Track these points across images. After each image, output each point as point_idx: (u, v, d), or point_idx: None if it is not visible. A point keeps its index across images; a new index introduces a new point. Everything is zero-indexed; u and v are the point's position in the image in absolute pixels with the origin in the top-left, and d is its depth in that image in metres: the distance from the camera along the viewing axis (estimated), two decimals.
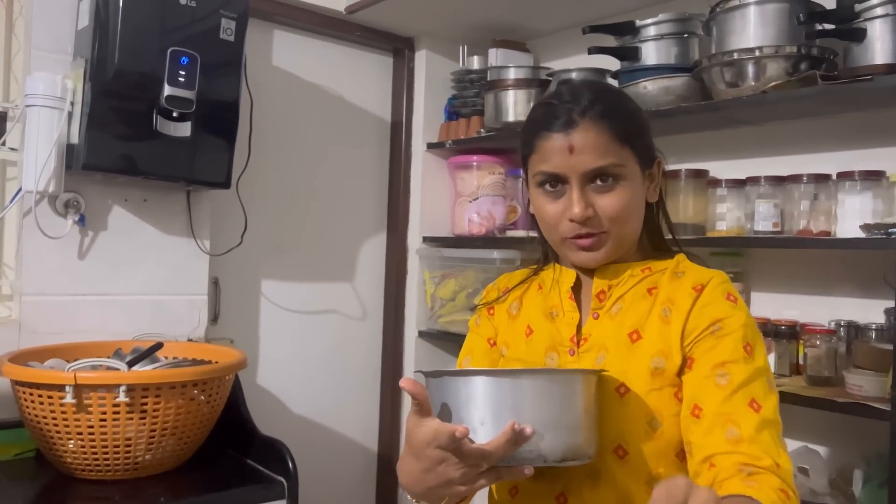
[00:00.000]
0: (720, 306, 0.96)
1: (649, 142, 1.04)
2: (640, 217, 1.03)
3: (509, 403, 0.83)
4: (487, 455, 0.81)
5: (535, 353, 1.04)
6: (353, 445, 2.52)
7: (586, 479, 0.95)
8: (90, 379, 1.43)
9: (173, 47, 1.70)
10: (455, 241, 2.47)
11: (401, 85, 2.55)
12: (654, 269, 1.04)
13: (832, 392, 1.54)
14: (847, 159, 1.70)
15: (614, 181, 0.97)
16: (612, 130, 0.96)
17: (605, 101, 0.98)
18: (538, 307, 1.09)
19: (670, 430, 0.94)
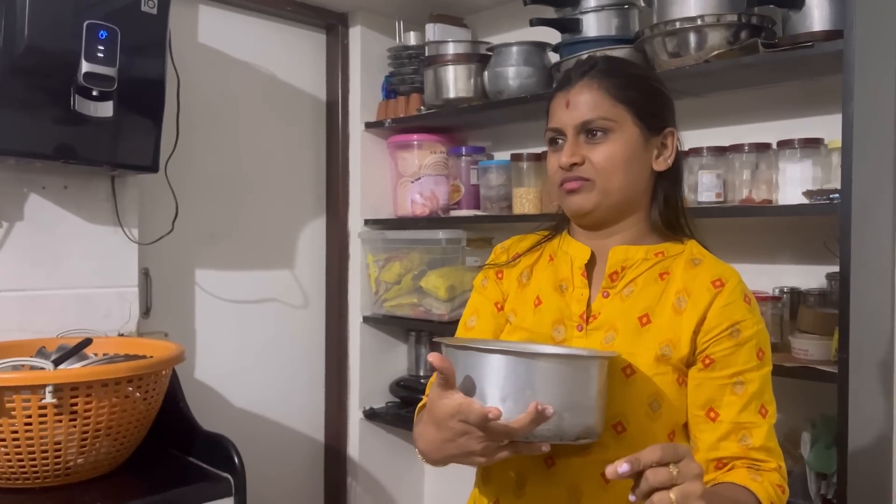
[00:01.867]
0: (739, 308, 1.01)
1: (659, 112, 1.07)
2: (633, 178, 1.05)
3: (532, 383, 0.87)
4: (511, 432, 0.86)
5: (543, 324, 1.07)
6: (298, 437, 2.45)
7: (575, 447, 0.98)
8: (12, 380, 1.33)
9: (90, 20, 1.58)
10: (398, 222, 2.41)
11: (335, 63, 2.46)
12: (668, 253, 1.07)
13: (779, 357, 1.56)
14: (786, 128, 1.72)
15: (604, 135, 1.03)
16: (607, 89, 1.03)
17: (610, 65, 1.06)
18: (548, 279, 1.11)
19: (668, 413, 1.00)
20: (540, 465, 1.02)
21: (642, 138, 1.04)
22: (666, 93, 1.10)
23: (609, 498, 0.99)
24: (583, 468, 1.00)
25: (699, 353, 1.01)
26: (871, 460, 1.52)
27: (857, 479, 1.41)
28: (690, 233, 1.12)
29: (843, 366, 1.39)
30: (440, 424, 0.89)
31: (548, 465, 1.02)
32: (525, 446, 0.89)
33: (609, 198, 1.04)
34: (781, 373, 1.51)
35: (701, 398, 1.01)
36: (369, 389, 2.46)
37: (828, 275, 1.64)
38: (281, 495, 2.38)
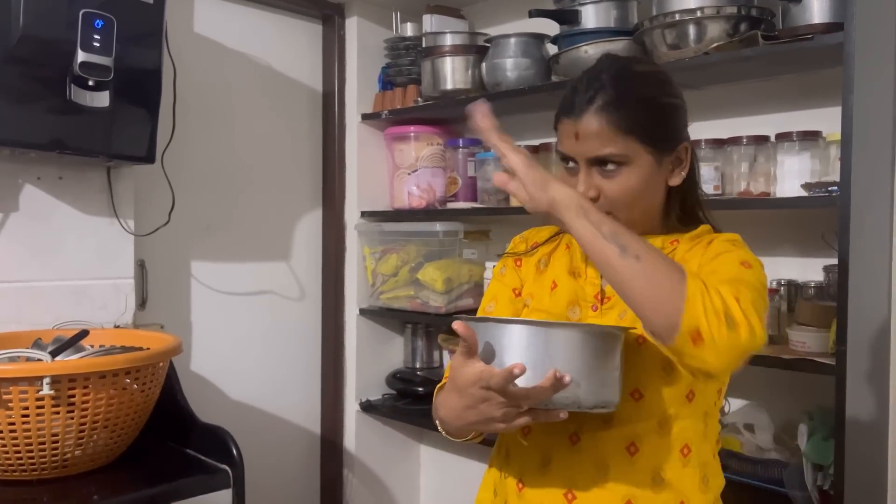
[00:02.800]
0: (722, 246, 1.02)
1: (671, 132, 1.05)
2: (650, 201, 1.06)
3: (550, 353, 0.90)
4: (530, 397, 0.89)
5: (558, 305, 1.10)
6: (295, 429, 2.45)
7: (599, 420, 1.01)
8: (9, 372, 1.32)
9: (86, 9, 1.56)
10: (395, 214, 2.40)
11: (332, 53, 2.44)
12: (682, 240, 1.09)
13: (777, 350, 1.57)
14: (784, 121, 1.72)
15: (617, 167, 1.01)
16: (614, 122, 1.00)
17: (617, 90, 1.01)
18: (564, 265, 1.14)
19: (681, 374, 1.00)
20: (565, 442, 1.04)
21: (656, 163, 1.03)
22: (677, 102, 1.07)
23: (634, 471, 1.01)
24: (607, 442, 1.02)
25: None
26: (867, 452, 1.53)
27: (854, 470, 1.42)
28: (706, 220, 1.14)
29: (840, 358, 1.39)
30: (462, 391, 0.93)
31: (573, 441, 1.04)
32: (543, 413, 0.92)
33: (629, 223, 1.00)
34: (779, 365, 1.52)
35: None
36: (366, 381, 2.46)
37: (825, 267, 1.65)
38: (278, 487, 2.38)
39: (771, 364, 1.53)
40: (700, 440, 1.05)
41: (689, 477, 1.03)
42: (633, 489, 1.01)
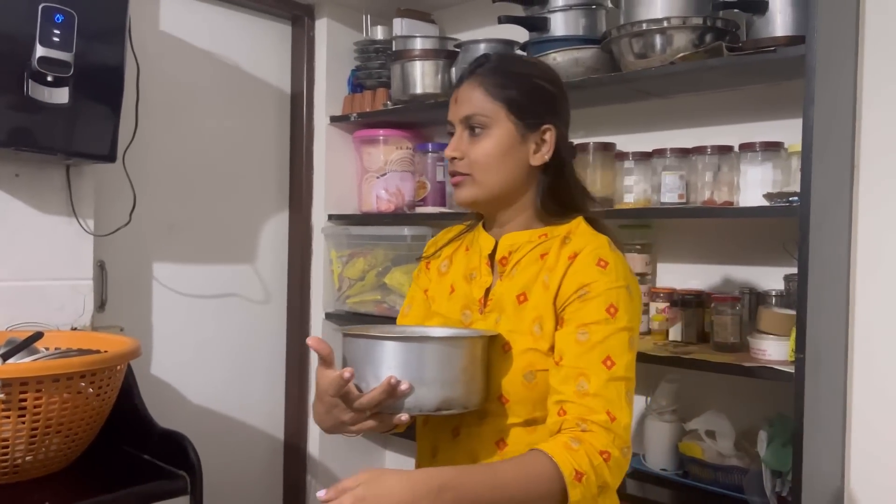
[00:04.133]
0: (588, 272, 1.07)
1: (537, 109, 1.13)
2: (509, 172, 1.12)
3: (396, 362, 1.00)
4: (367, 404, 0.99)
5: (453, 309, 1.18)
6: (257, 434, 2.41)
7: (475, 417, 1.10)
8: None
9: (45, 3, 1.52)
10: (363, 218, 2.39)
11: (301, 55, 2.42)
12: (551, 234, 1.14)
13: (738, 357, 1.59)
14: (748, 131, 1.75)
15: (482, 131, 1.12)
16: (486, 87, 1.12)
17: (495, 65, 1.14)
18: (461, 268, 1.21)
19: (544, 382, 1.07)
20: (448, 434, 1.13)
21: (518, 134, 1.12)
22: (551, 90, 1.15)
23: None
24: (480, 436, 1.10)
25: (558, 318, 1.08)
26: (825, 458, 1.55)
27: (812, 476, 1.44)
28: (585, 210, 1.18)
29: (799, 365, 1.41)
30: (321, 398, 1.04)
31: (454, 434, 1.13)
32: (388, 417, 1.01)
33: (487, 190, 1.12)
34: (740, 372, 1.53)
35: (556, 350, 1.07)
36: None
37: (786, 276, 1.67)
38: (239, 493, 2.34)
39: (732, 371, 1.55)
40: None
41: None
42: None
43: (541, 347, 1.07)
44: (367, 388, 1.00)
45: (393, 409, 1.00)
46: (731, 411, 1.71)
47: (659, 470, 1.77)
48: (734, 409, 1.72)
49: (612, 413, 1.00)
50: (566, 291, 1.07)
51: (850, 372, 1.60)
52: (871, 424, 1.59)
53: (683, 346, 1.72)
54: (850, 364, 1.60)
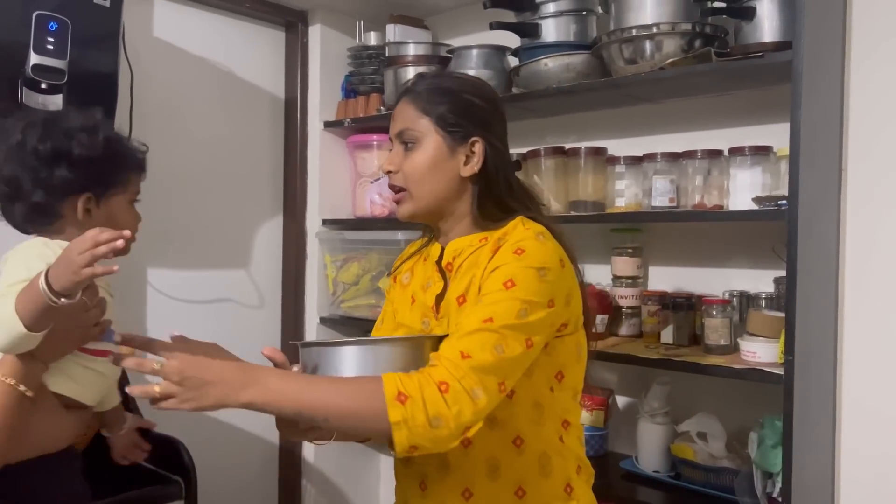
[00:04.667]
0: (503, 258, 1.08)
1: (464, 122, 1.16)
2: (441, 184, 1.16)
3: (351, 366, 1.03)
4: None
5: (415, 319, 1.21)
6: (252, 438, 2.42)
7: None
8: None
9: (39, 11, 1.54)
10: (357, 223, 2.40)
11: (294, 61, 2.44)
12: (491, 237, 1.16)
13: (729, 359, 1.60)
14: (737, 135, 1.76)
15: (413, 145, 1.16)
16: (417, 104, 1.17)
17: (425, 84, 1.19)
18: (420, 279, 1.24)
19: None
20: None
21: (447, 147, 1.16)
22: (480, 104, 1.19)
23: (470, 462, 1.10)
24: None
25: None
26: (815, 459, 1.56)
27: (802, 477, 1.45)
28: (526, 209, 1.19)
29: (788, 367, 1.42)
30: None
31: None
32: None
33: (422, 203, 1.17)
34: (730, 375, 1.55)
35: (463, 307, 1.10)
36: None
37: (775, 279, 1.69)
38: (234, 497, 2.34)
39: (722, 374, 1.56)
40: (533, 429, 1.11)
41: (525, 465, 1.10)
42: (472, 478, 1.10)
43: None
44: None
45: None
46: (722, 413, 1.73)
47: (651, 472, 1.78)
48: (725, 410, 1.74)
49: (467, 352, 0.98)
50: (484, 278, 1.08)
51: (840, 373, 1.62)
52: (861, 425, 1.60)
53: (675, 349, 1.74)
54: (839, 365, 1.62)
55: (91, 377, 1.10)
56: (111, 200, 1.17)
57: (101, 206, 1.16)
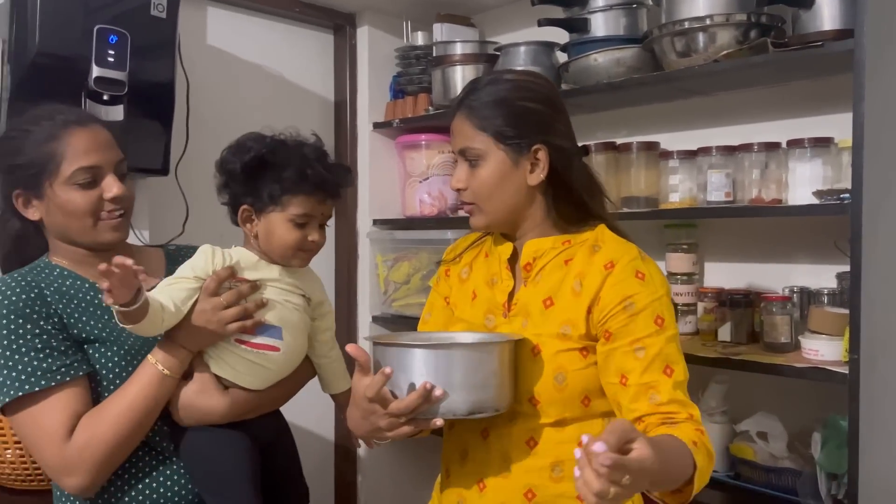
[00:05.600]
0: (630, 284, 1.10)
1: (524, 133, 1.14)
2: (510, 196, 1.16)
3: (427, 369, 1.02)
4: (404, 409, 1.02)
5: (476, 314, 1.20)
6: (309, 436, 2.46)
7: (505, 419, 1.13)
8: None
9: (100, 25, 1.59)
10: (406, 222, 2.41)
11: (343, 63, 2.46)
12: (574, 241, 1.17)
13: (789, 358, 1.57)
14: (796, 127, 1.72)
15: (476, 161, 1.15)
16: (473, 120, 1.15)
17: (479, 93, 1.16)
18: (482, 274, 1.24)
19: (573, 383, 1.11)
20: (477, 437, 1.16)
21: (510, 160, 1.14)
22: (538, 108, 1.16)
23: (534, 463, 1.11)
24: (510, 437, 1.13)
25: (600, 329, 1.11)
26: (881, 460, 1.51)
27: (868, 478, 1.41)
28: (603, 217, 1.21)
29: (853, 366, 1.38)
30: (357, 404, 1.07)
31: (483, 436, 1.15)
32: (423, 422, 1.05)
33: (495, 215, 1.17)
34: (791, 373, 1.51)
35: (611, 368, 1.10)
36: None
37: (838, 274, 1.64)
38: None
39: (783, 373, 1.52)
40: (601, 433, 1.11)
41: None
42: (534, 479, 1.11)
43: (569, 347, 1.11)
44: (401, 394, 1.03)
45: (427, 415, 1.04)
46: (782, 412, 1.68)
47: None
48: (786, 410, 1.70)
49: (689, 411, 1.07)
50: (608, 303, 1.10)
51: None
52: None
53: (733, 347, 1.70)
54: None
55: (247, 365, 1.18)
56: (269, 216, 1.21)
57: (260, 219, 1.22)
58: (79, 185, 1.15)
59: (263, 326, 1.19)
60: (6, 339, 1.11)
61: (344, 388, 1.38)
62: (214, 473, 1.17)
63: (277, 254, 1.23)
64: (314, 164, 1.23)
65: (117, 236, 1.21)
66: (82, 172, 1.15)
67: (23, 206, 1.19)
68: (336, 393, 1.39)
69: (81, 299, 1.18)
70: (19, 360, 1.10)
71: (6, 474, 1.43)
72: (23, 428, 1.12)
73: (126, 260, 1.00)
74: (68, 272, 1.21)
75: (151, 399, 1.13)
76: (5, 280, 1.17)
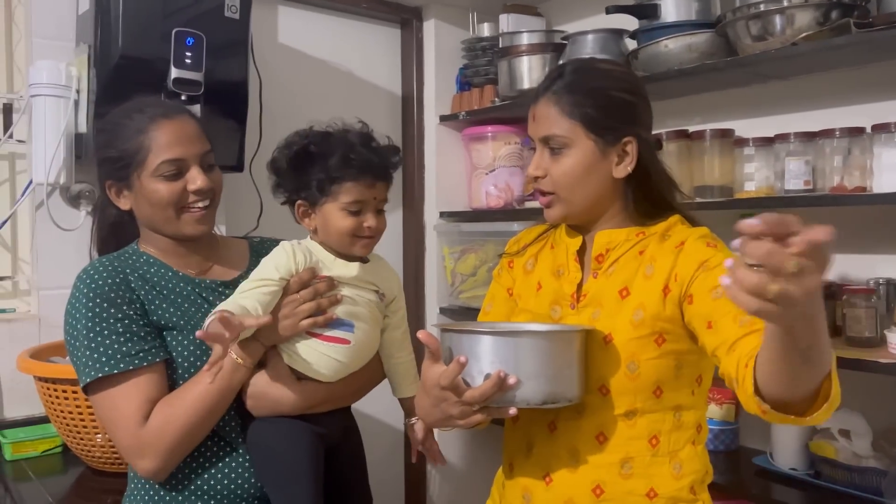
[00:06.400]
0: (703, 252, 1.06)
1: (615, 124, 1.10)
2: (593, 188, 1.12)
3: (501, 357, 1.00)
4: (478, 397, 0.99)
5: (542, 305, 1.18)
6: (379, 425, 2.51)
7: (573, 411, 1.10)
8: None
9: (178, 28, 1.65)
10: (473, 214, 2.42)
11: (410, 57, 2.48)
12: (648, 232, 1.14)
13: (874, 353, 1.50)
14: (882, 111, 1.63)
15: (561, 149, 1.10)
16: (561, 105, 1.10)
17: (569, 79, 1.11)
18: (548, 265, 1.21)
19: (647, 372, 1.07)
20: (544, 430, 1.13)
21: (598, 151, 1.10)
22: (629, 99, 1.12)
23: (603, 458, 1.09)
24: (579, 430, 1.10)
25: (684, 300, 1.06)
26: None
27: None
28: (677, 208, 1.16)
29: None
30: (427, 392, 1.04)
31: (550, 429, 1.13)
32: (496, 410, 1.01)
33: (574, 207, 1.13)
34: (876, 369, 1.44)
35: (698, 323, 1.03)
36: None
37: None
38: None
39: (867, 368, 1.46)
40: (670, 431, 1.09)
41: (659, 465, 1.08)
42: (603, 475, 1.08)
43: (641, 334, 1.07)
44: (473, 383, 1.00)
45: (501, 403, 1.01)
46: (866, 409, 1.61)
47: (788, 469, 1.70)
48: (870, 407, 1.62)
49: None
50: (686, 273, 1.05)
51: None
52: None
53: None
54: None
55: (319, 357, 1.20)
56: (324, 208, 1.22)
57: (316, 212, 1.23)
58: (164, 177, 1.18)
59: (336, 321, 1.21)
60: (91, 322, 1.14)
61: (412, 394, 1.35)
62: (277, 465, 1.18)
63: (336, 244, 1.23)
64: (357, 149, 1.22)
65: (200, 229, 1.24)
66: (167, 165, 1.18)
67: (115, 195, 1.24)
68: (403, 397, 1.37)
69: (163, 287, 1.22)
70: (101, 343, 1.13)
71: (96, 457, 1.51)
72: (101, 409, 1.16)
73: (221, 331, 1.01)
74: (154, 260, 1.24)
75: (225, 387, 1.15)
76: (94, 264, 1.21)
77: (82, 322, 1.14)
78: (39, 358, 1.58)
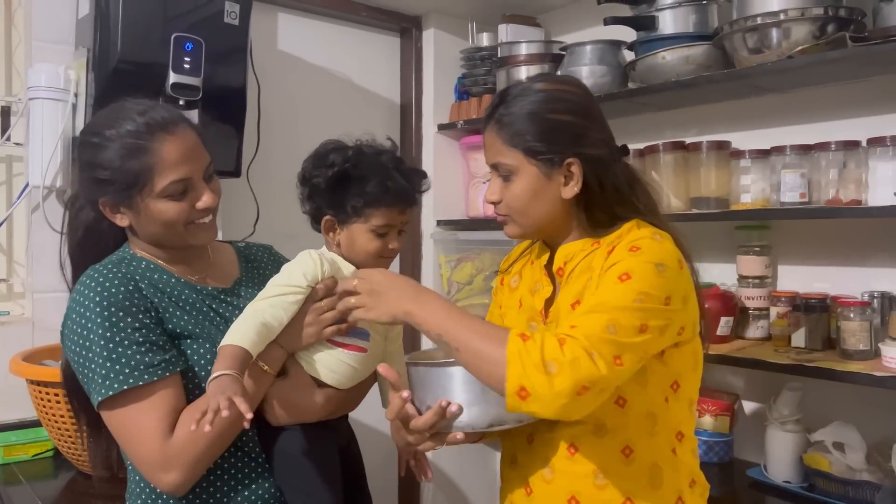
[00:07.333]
0: (618, 255, 1.06)
1: (556, 148, 1.11)
2: (545, 210, 1.14)
3: (442, 386, 1.05)
4: (422, 426, 1.04)
5: (521, 322, 1.20)
6: (371, 433, 2.49)
7: (546, 425, 1.10)
8: None
9: (177, 33, 1.65)
10: (470, 223, 2.42)
11: (409, 65, 2.49)
12: (603, 242, 1.13)
13: (868, 366, 1.50)
14: (877, 124, 1.64)
15: (509, 176, 1.13)
16: (503, 136, 1.13)
17: (509, 107, 1.13)
18: (527, 283, 1.24)
19: None
20: (524, 442, 1.16)
21: (543, 175, 1.12)
22: (569, 120, 1.12)
23: (576, 469, 1.09)
24: (552, 443, 1.11)
25: None
26: None
27: None
28: (640, 213, 1.15)
29: None
30: (391, 422, 1.11)
31: (529, 441, 1.15)
32: (444, 436, 1.06)
33: (528, 227, 1.16)
34: (871, 382, 1.44)
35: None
36: None
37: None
38: None
39: (861, 381, 1.46)
40: (645, 439, 1.08)
41: (634, 475, 1.08)
42: (578, 486, 1.09)
43: None
44: (424, 411, 1.05)
45: (448, 429, 1.05)
46: (860, 422, 1.61)
47: (781, 481, 1.69)
48: (864, 420, 1.62)
49: (577, 325, 0.98)
50: (599, 279, 1.06)
51: None
52: None
53: (807, 353, 1.64)
54: None
55: (339, 365, 1.22)
56: (352, 227, 1.23)
57: (342, 229, 1.24)
58: (170, 197, 1.14)
59: (354, 329, 1.22)
60: (108, 332, 1.07)
61: None
62: (310, 471, 1.18)
63: (359, 261, 1.25)
64: (394, 176, 1.22)
65: (208, 239, 1.23)
66: (174, 185, 1.13)
67: (110, 213, 1.17)
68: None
69: (171, 293, 1.18)
70: (122, 354, 1.07)
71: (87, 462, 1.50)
72: (121, 423, 1.09)
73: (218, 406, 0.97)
74: (154, 266, 1.20)
75: (253, 395, 1.12)
76: (100, 272, 1.14)
77: (98, 332, 1.07)
78: (32, 361, 1.58)
